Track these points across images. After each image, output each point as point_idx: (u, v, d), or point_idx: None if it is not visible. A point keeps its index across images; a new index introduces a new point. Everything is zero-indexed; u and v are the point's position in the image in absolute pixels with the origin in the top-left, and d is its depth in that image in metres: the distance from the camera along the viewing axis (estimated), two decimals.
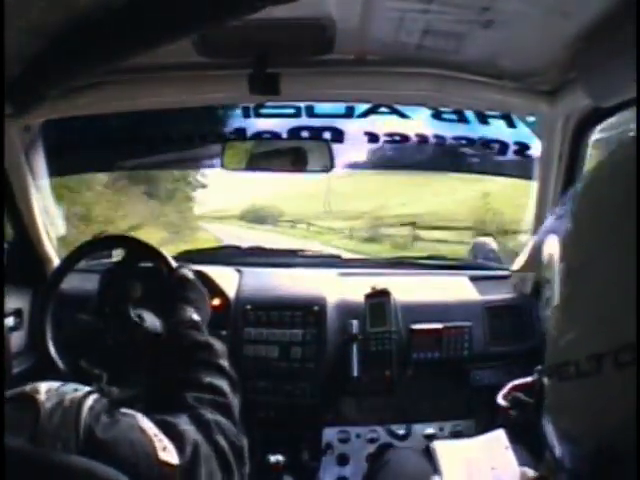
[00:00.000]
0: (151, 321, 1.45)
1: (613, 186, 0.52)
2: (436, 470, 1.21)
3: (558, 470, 0.55)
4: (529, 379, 0.83)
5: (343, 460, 1.69)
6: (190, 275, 1.42)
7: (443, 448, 1.25)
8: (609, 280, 0.48)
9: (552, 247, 0.58)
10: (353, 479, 1.69)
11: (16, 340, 1.67)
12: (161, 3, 1.01)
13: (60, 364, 1.50)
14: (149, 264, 1.61)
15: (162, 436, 0.79)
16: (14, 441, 0.65)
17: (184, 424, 0.86)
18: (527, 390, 0.85)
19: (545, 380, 0.56)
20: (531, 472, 0.70)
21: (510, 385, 0.90)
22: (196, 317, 1.24)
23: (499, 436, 1.11)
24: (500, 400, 0.90)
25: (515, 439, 1.12)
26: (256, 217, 15.21)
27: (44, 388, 0.74)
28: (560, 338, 0.53)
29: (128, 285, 1.72)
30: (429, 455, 1.27)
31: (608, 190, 0.52)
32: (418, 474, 1.25)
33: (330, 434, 1.70)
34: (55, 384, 0.77)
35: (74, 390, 0.76)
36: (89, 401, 0.75)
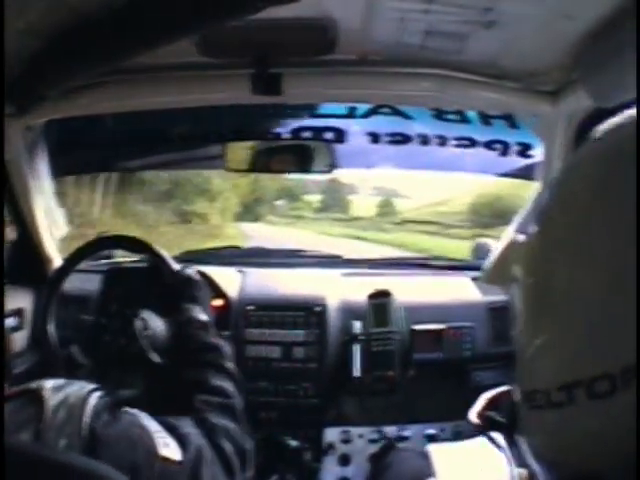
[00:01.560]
0: (154, 322, 1.45)
1: (581, 184, 0.47)
2: (431, 473, 1.21)
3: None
4: (502, 389, 0.82)
5: (345, 460, 1.69)
6: (192, 273, 1.42)
7: (438, 451, 1.24)
8: (581, 301, 0.44)
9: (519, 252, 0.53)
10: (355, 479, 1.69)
11: (17, 340, 1.67)
12: (161, 3, 1.01)
13: (62, 364, 1.51)
14: (151, 264, 1.61)
15: (164, 434, 0.79)
16: (18, 436, 0.65)
17: (188, 427, 0.86)
18: (501, 406, 0.83)
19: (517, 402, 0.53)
20: (526, 473, 0.70)
21: (483, 400, 0.88)
22: (204, 317, 1.24)
23: (495, 438, 1.11)
24: (473, 418, 0.89)
25: (511, 440, 1.12)
26: None
27: (49, 385, 0.75)
28: (527, 364, 0.50)
29: (130, 285, 1.73)
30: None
31: (577, 188, 0.48)
32: (418, 476, 1.25)
33: (332, 434, 1.70)
34: (60, 381, 0.77)
35: (79, 388, 0.77)
36: (93, 399, 0.75)
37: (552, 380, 0.45)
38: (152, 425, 0.80)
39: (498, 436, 1.00)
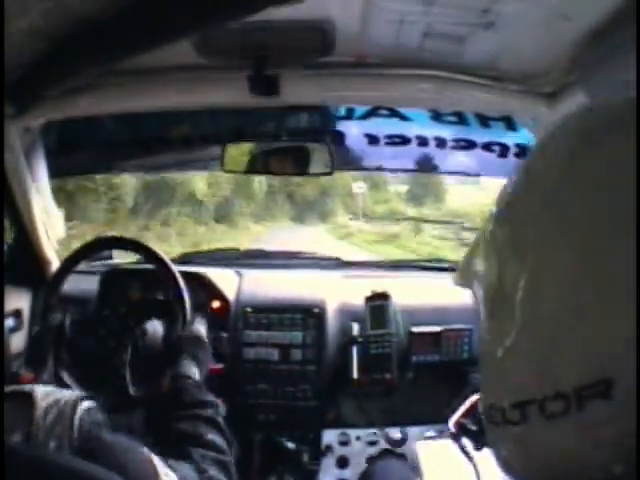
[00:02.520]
0: (153, 331, 1.47)
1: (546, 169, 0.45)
2: (417, 472, 1.21)
3: None
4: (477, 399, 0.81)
5: (343, 462, 1.69)
6: (202, 331, 1.45)
7: (426, 449, 1.24)
8: (537, 308, 0.41)
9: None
10: None
11: (16, 341, 1.67)
12: (161, 4, 1.01)
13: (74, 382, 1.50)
14: (149, 266, 1.61)
15: (164, 465, 0.79)
16: (9, 438, 0.65)
17: (187, 469, 0.87)
18: (476, 416, 0.83)
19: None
20: None
21: (462, 409, 0.89)
22: (197, 376, 1.27)
23: (466, 447, 1.10)
24: (450, 426, 0.89)
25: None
26: None
27: (40, 389, 0.74)
28: (486, 376, 0.48)
29: (128, 287, 1.74)
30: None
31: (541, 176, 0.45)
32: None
33: (330, 436, 1.70)
34: (51, 388, 0.77)
35: (70, 393, 0.77)
36: (85, 403, 0.75)
37: (505, 397, 0.44)
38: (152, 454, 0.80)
39: (469, 445, 1.00)
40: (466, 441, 0.93)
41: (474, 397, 0.86)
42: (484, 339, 0.48)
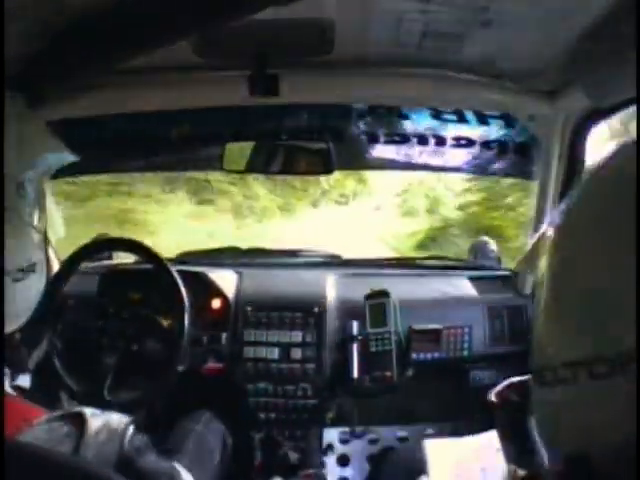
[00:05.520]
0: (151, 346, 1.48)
1: (615, 186, 0.49)
2: (423, 470, 1.21)
3: (543, 470, 0.55)
4: (526, 377, 0.83)
5: (344, 461, 1.69)
6: None
7: (433, 447, 1.24)
8: (591, 286, 0.46)
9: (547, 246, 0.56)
10: None
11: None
12: (161, 4, 1.01)
13: (60, 367, 1.51)
14: (149, 266, 1.61)
15: None
16: (57, 448, 0.67)
17: None
18: (520, 389, 0.85)
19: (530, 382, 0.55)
20: (521, 471, 0.70)
21: (507, 382, 0.90)
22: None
23: (491, 437, 1.11)
24: (492, 397, 0.90)
25: (507, 438, 1.11)
26: None
27: (89, 411, 0.77)
28: (540, 341, 0.52)
29: (127, 287, 1.74)
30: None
31: (609, 189, 0.49)
32: (412, 474, 1.25)
33: (331, 435, 1.70)
34: (97, 410, 0.79)
35: (119, 417, 0.79)
36: (131, 427, 0.77)
37: (558, 357, 0.47)
38: None
39: (494, 436, 1.00)
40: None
41: (521, 377, 0.88)
42: (538, 316, 0.52)
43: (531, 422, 0.54)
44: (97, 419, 0.75)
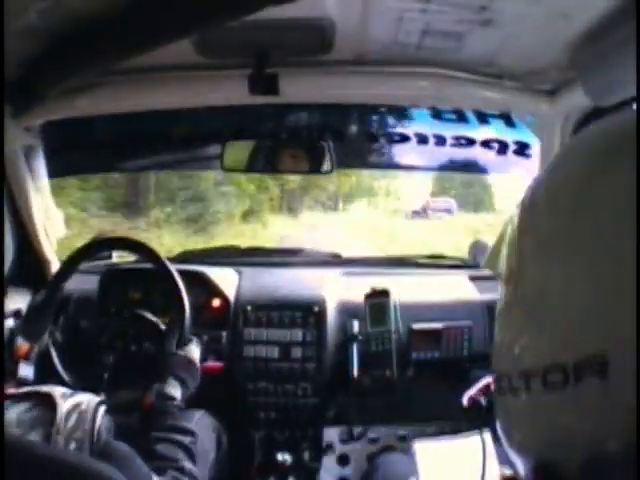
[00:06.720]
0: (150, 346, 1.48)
1: (564, 181, 0.47)
2: (414, 471, 1.21)
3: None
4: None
5: (344, 460, 1.69)
6: (195, 355, 1.45)
7: (423, 449, 1.24)
8: (542, 288, 0.44)
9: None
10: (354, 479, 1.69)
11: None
12: (161, 3, 1.01)
13: (60, 367, 1.51)
14: (149, 266, 1.61)
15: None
16: (28, 437, 0.66)
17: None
18: (488, 393, 0.84)
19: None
20: (507, 471, 0.70)
21: (480, 384, 0.89)
22: (181, 399, 1.29)
23: (483, 437, 1.11)
24: (464, 400, 0.90)
25: (497, 438, 1.11)
26: None
27: (60, 391, 0.76)
28: (497, 347, 0.51)
29: (128, 286, 1.74)
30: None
31: (564, 180, 0.47)
32: (403, 476, 1.25)
33: (331, 434, 1.70)
34: (68, 390, 0.78)
35: (89, 398, 0.78)
36: (102, 408, 0.77)
37: (513, 366, 0.46)
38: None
39: (486, 436, 1.01)
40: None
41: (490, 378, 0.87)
42: (499, 319, 0.51)
43: (496, 426, 0.52)
44: (67, 401, 0.74)
